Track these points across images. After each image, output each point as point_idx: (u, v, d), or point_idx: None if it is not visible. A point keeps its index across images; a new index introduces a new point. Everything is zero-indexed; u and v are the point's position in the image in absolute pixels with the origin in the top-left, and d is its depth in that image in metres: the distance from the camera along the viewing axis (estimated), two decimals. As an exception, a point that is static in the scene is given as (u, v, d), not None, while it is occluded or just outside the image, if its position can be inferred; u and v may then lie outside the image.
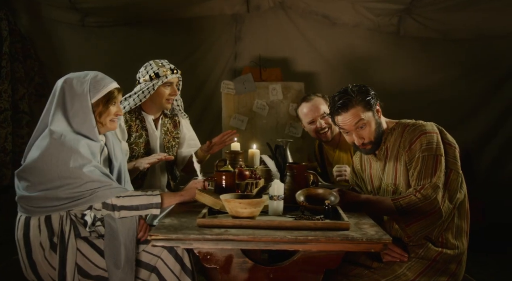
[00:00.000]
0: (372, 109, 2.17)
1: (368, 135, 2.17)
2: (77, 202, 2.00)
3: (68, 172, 1.98)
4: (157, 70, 2.76)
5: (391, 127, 2.24)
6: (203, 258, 1.75)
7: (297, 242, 1.68)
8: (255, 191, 2.28)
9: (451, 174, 2.08)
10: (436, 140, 2.08)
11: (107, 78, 2.22)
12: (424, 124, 2.15)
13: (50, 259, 2.04)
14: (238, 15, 4.66)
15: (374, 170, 2.33)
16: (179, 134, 3.06)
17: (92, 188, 2.00)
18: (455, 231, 2.11)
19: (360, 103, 2.13)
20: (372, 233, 1.72)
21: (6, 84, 4.10)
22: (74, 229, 2.07)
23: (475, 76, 4.44)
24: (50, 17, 4.36)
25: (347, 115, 2.14)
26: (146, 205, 2.08)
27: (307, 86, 4.39)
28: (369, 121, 2.16)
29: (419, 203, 1.99)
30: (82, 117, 2.11)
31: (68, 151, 2.00)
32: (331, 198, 1.99)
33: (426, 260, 2.07)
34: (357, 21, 4.50)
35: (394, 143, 2.19)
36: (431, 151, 2.06)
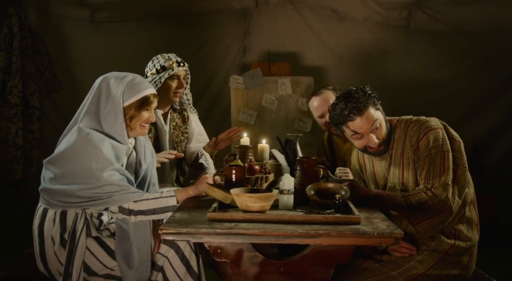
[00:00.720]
0: (379, 108, 2.15)
1: (382, 135, 2.14)
2: (93, 202, 1.99)
3: (89, 171, 1.97)
4: (164, 63, 2.76)
5: (392, 125, 2.21)
6: (213, 252, 1.75)
7: (308, 236, 1.67)
8: (265, 185, 2.28)
9: (458, 169, 2.07)
10: (441, 135, 2.07)
11: (145, 83, 2.19)
12: (428, 120, 2.12)
13: (59, 254, 2.05)
14: (247, 10, 4.65)
15: (378, 169, 2.31)
16: (188, 129, 3.07)
17: (109, 191, 1.99)
18: (467, 224, 2.10)
19: (370, 104, 2.10)
20: (383, 227, 1.71)
21: (16, 79, 4.13)
22: (87, 229, 2.07)
23: (485, 69, 4.41)
24: (59, 12, 4.39)
25: (363, 119, 2.08)
26: (162, 209, 2.07)
27: (316, 80, 4.38)
28: (381, 121, 2.13)
29: (430, 201, 1.99)
30: (112, 119, 2.09)
31: (92, 151, 1.99)
32: (342, 192, 1.98)
33: (437, 253, 2.06)
34: (366, 15, 4.48)
35: (397, 141, 2.17)
36: (438, 148, 2.04)
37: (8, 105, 4.13)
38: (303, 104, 4.26)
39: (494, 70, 4.42)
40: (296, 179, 2.16)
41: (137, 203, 2.05)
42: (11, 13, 4.11)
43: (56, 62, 4.47)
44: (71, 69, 4.51)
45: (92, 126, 2.06)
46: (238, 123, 4.25)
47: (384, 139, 2.14)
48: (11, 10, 4.12)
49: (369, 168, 2.37)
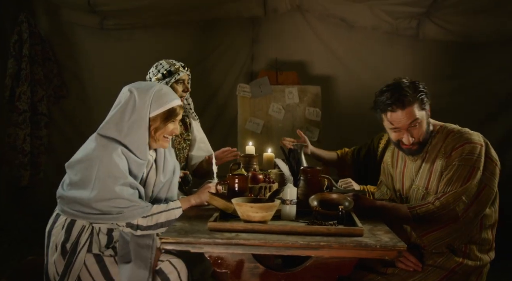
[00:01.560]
0: (425, 108, 2.07)
1: (418, 135, 2.07)
2: (103, 216, 1.98)
3: (101, 182, 1.96)
4: (169, 67, 2.78)
5: (435, 130, 2.15)
6: (214, 262, 1.73)
7: (309, 248, 1.65)
8: (268, 195, 2.26)
9: (485, 189, 1.99)
10: (478, 152, 1.99)
11: (172, 94, 2.16)
12: (471, 133, 2.06)
13: (57, 264, 2.04)
14: (255, 18, 4.66)
15: (407, 170, 2.26)
16: (190, 136, 3.07)
17: (119, 206, 1.97)
18: (480, 246, 2.05)
19: (416, 101, 2.03)
20: (386, 240, 1.68)
21: (25, 86, 4.16)
22: (89, 244, 2.06)
23: (494, 80, 4.36)
24: (69, 20, 4.42)
25: (403, 113, 2.02)
26: (169, 222, 2.05)
27: (324, 89, 4.36)
28: (422, 121, 2.06)
29: (437, 212, 1.94)
30: (136, 130, 2.06)
31: (108, 162, 1.97)
32: (345, 204, 1.96)
33: (444, 270, 2.01)
34: (375, 24, 4.46)
35: (434, 146, 2.11)
36: (469, 162, 1.98)
37: (16, 111, 4.16)
38: (310, 113, 4.23)
39: (503, 82, 4.36)
40: (299, 189, 2.14)
41: (146, 219, 2.03)
42: (21, 20, 4.15)
43: (65, 68, 4.50)
44: (80, 76, 4.54)
45: (112, 136, 2.04)
46: (245, 132, 4.24)
47: (420, 140, 2.07)
48: (21, 17, 4.15)
49: (400, 166, 2.32)
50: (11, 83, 4.13)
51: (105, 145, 2.00)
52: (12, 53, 4.13)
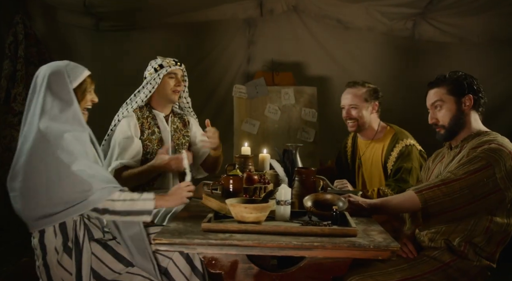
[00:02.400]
0: (457, 95, 2.15)
1: (442, 118, 2.17)
2: (69, 210, 1.93)
3: (55, 170, 1.92)
4: (161, 62, 2.86)
5: (478, 132, 2.16)
6: (208, 263, 1.73)
7: (303, 248, 1.65)
8: (263, 195, 2.26)
9: (497, 193, 1.97)
10: (503, 156, 1.98)
11: (80, 66, 2.18)
12: (505, 141, 2.06)
13: (63, 263, 2.02)
14: (251, 19, 4.66)
15: (441, 163, 2.28)
16: (189, 132, 3.10)
17: (81, 189, 1.92)
18: (481, 250, 2.04)
19: (446, 86, 2.17)
20: (380, 240, 1.68)
21: (21, 87, 4.15)
22: (88, 232, 2.05)
23: (491, 81, 4.36)
24: (65, 21, 4.40)
25: (431, 93, 2.23)
26: (138, 212, 1.96)
27: (320, 90, 4.36)
28: (447, 104, 2.15)
29: (441, 198, 1.97)
30: (69, 104, 2.04)
31: (53, 148, 1.93)
32: (339, 204, 1.96)
33: (438, 261, 2.03)
34: (371, 25, 4.46)
35: (469, 145, 2.12)
36: (488, 158, 1.97)
37: (12, 112, 4.14)
38: (306, 114, 4.23)
39: (500, 83, 4.37)
40: (294, 189, 2.15)
41: (114, 203, 1.95)
42: (17, 21, 4.13)
43: (61, 70, 4.49)
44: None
45: (51, 120, 2.00)
46: (241, 133, 4.23)
47: (444, 124, 2.17)
48: (17, 18, 4.14)
49: (437, 160, 2.34)
50: (6, 84, 4.11)
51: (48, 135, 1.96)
52: (8, 54, 4.12)
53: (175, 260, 2.03)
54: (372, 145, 2.94)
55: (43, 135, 1.97)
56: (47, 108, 2.01)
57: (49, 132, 1.96)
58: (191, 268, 2.03)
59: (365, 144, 3.00)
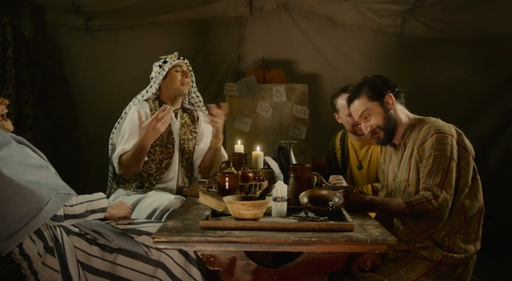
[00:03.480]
0: (378, 99, 2.20)
1: (376, 123, 2.22)
2: (29, 225, 1.93)
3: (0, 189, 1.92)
4: (165, 58, 2.97)
5: (411, 123, 2.21)
6: (206, 260, 1.74)
7: (300, 244, 1.66)
8: (258, 192, 2.27)
9: (460, 179, 2.04)
10: (450, 142, 2.04)
11: None
12: (442, 125, 2.11)
13: (48, 263, 2.02)
14: (241, 17, 4.67)
15: (392, 164, 2.32)
16: (197, 128, 3.12)
17: (35, 202, 1.92)
18: (464, 236, 2.08)
19: (365, 94, 2.21)
20: (376, 234, 1.70)
21: (10, 88, 4.11)
22: (64, 228, 2.07)
23: (480, 76, 4.41)
24: (54, 21, 4.37)
25: (353, 107, 2.28)
26: (95, 210, 2.11)
27: (311, 87, 4.37)
28: (374, 110, 2.21)
29: (434, 213, 1.97)
30: None
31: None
32: (335, 199, 1.98)
33: (431, 261, 2.05)
34: (360, 22, 4.49)
35: (411, 139, 2.16)
36: (443, 152, 2.02)
37: (1, 114, 4.11)
38: (298, 112, 4.25)
39: (488, 78, 4.41)
40: (289, 186, 2.16)
41: (73, 207, 2.03)
42: (5, 22, 4.09)
43: (50, 70, 4.46)
44: (65, 78, 4.50)
45: None
46: (233, 131, 4.24)
47: (379, 126, 2.22)
48: (5, 19, 4.10)
49: (387, 161, 2.39)
50: (-5, 86, 4.09)
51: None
52: (-4, 56, 4.09)
53: (167, 251, 2.06)
54: (369, 145, 3.00)
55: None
56: None
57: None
58: (185, 257, 2.06)
59: (359, 146, 3.03)
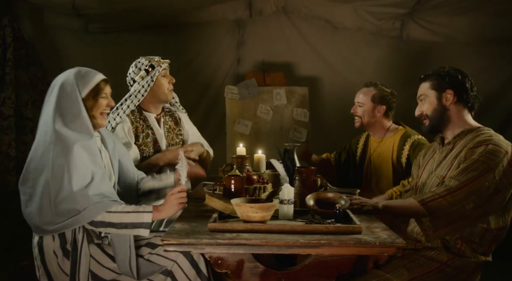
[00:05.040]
0: (438, 90, 2.22)
1: (426, 110, 2.25)
2: (68, 221, 1.96)
3: (59, 183, 1.95)
4: (149, 62, 2.80)
5: (470, 128, 2.18)
6: (214, 263, 1.74)
7: (309, 246, 1.67)
8: (263, 195, 2.28)
9: (498, 194, 1.98)
10: (501, 157, 1.99)
11: (91, 71, 2.19)
12: (501, 140, 2.08)
13: (63, 266, 2.02)
14: (241, 20, 4.68)
15: (432, 159, 2.30)
16: (182, 130, 3.08)
17: (78, 203, 1.95)
18: (477, 246, 2.07)
19: (430, 81, 2.25)
20: (385, 237, 1.71)
21: (10, 90, 4.10)
22: (87, 236, 2.05)
23: (479, 80, 4.36)
24: (53, 23, 4.36)
25: (419, 87, 2.33)
26: (135, 224, 1.99)
27: (311, 90, 4.39)
28: (429, 98, 2.24)
29: (448, 208, 1.95)
30: (77, 112, 2.07)
31: (61, 159, 1.96)
32: (341, 202, 1.99)
33: (436, 262, 2.05)
34: (360, 25, 4.51)
35: (463, 142, 2.14)
36: (488, 160, 1.98)
37: (1, 116, 4.08)
38: (298, 114, 4.26)
39: (485, 82, 4.44)
40: (295, 189, 2.16)
41: (109, 215, 1.99)
42: (5, 24, 4.08)
43: (50, 73, 4.44)
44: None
45: (64, 126, 2.03)
46: (234, 134, 4.25)
47: (427, 114, 2.25)
48: (4, 21, 4.09)
49: (428, 156, 2.37)
50: (-5, 88, 4.07)
51: (59, 141, 1.99)
52: (-4, 58, 4.07)
53: (179, 262, 2.04)
54: (383, 142, 3.04)
55: (57, 140, 1.99)
56: (58, 116, 2.04)
57: (63, 139, 2.00)
58: (196, 272, 2.04)
59: (376, 142, 3.08)
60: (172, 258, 2.05)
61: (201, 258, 2.04)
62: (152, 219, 2.00)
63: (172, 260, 2.05)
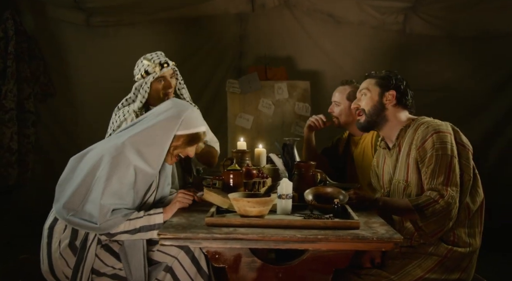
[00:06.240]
0: (381, 88, 2.24)
1: (365, 105, 2.27)
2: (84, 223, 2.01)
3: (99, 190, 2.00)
4: (147, 67, 2.72)
5: (407, 124, 2.22)
6: (211, 257, 1.74)
7: (306, 241, 1.66)
8: (263, 190, 2.27)
9: (463, 176, 2.05)
10: (449, 140, 2.05)
11: (200, 120, 2.23)
12: (439, 124, 2.11)
13: (66, 256, 2.03)
14: (243, 14, 4.65)
15: (386, 165, 2.32)
16: None
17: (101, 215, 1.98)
18: (468, 229, 2.09)
19: (376, 78, 2.28)
20: (382, 232, 1.70)
21: (11, 83, 4.11)
22: (98, 238, 2.07)
23: (481, 74, 4.42)
24: (55, 17, 4.36)
25: (364, 82, 2.36)
26: (148, 227, 2.02)
27: (313, 84, 4.37)
28: (371, 93, 2.26)
29: (443, 211, 1.97)
30: (159, 143, 2.10)
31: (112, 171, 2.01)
32: (340, 197, 1.98)
33: (436, 256, 2.05)
34: (362, 19, 4.48)
35: (407, 140, 2.17)
36: (444, 151, 2.02)
37: (3, 109, 4.10)
38: (299, 109, 4.25)
39: (489, 76, 4.42)
40: (294, 183, 2.15)
41: (124, 223, 2.02)
42: (6, 17, 4.09)
43: (52, 66, 4.45)
44: (67, 74, 4.49)
45: (133, 145, 2.07)
46: (235, 128, 4.24)
47: (364, 109, 2.29)
48: (6, 14, 4.10)
49: (381, 164, 2.39)
50: (-4, 81, 4.08)
51: (122, 153, 2.03)
52: (-3, 51, 4.08)
53: (180, 259, 2.04)
54: (362, 139, 3.00)
55: (120, 150, 2.04)
56: (142, 135, 2.09)
57: (125, 153, 2.03)
58: (196, 269, 2.04)
59: (356, 139, 3.05)
60: (173, 255, 2.05)
61: (202, 255, 2.04)
62: (163, 220, 2.02)
63: (173, 256, 2.05)
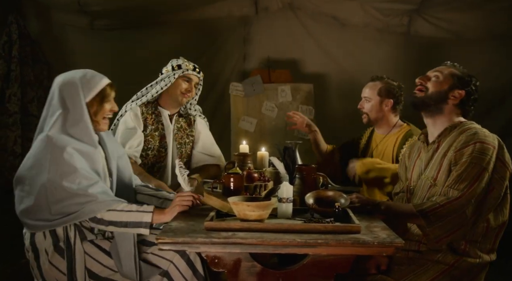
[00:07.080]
0: (454, 82, 2.25)
1: (432, 85, 2.30)
2: (66, 218, 1.95)
3: (53, 184, 1.93)
4: (181, 63, 2.89)
5: (454, 125, 2.15)
6: (211, 262, 1.72)
7: (306, 246, 1.64)
8: (263, 193, 2.25)
9: (492, 192, 1.98)
10: (490, 153, 1.98)
11: (98, 75, 2.16)
12: (487, 135, 2.05)
13: (55, 263, 2.02)
14: (247, 17, 4.64)
15: (419, 159, 2.26)
16: (193, 132, 3.09)
17: (79, 202, 1.93)
18: (482, 244, 2.04)
19: (457, 71, 2.35)
20: (383, 236, 1.68)
21: (15, 87, 4.12)
22: (80, 234, 2.04)
23: (487, 77, 4.35)
24: (59, 20, 4.38)
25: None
26: (135, 223, 1.97)
27: (316, 87, 4.35)
28: (443, 81, 2.28)
29: (447, 216, 1.93)
30: (78, 117, 2.05)
31: (56, 159, 1.95)
32: (341, 201, 1.96)
33: (443, 264, 2.01)
34: (367, 21, 4.46)
35: (448, 141, 2.11)
36: (480, 161, 1.96)
37: (6, 113, 4.11)
38: (303, 111, 4.23)
39: (494, 78, 4.37)
40: (295, 187, 2.14)
41: (111, 213, 1.97)
42: (10, 21, 4.11)
43: (56, 70, 4.45)
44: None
45: (59, 131, 2.02)
46: (238, 131, 4.22)
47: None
48: (10, 18, 4.11)
49: (414, 156, 2.33)
50: (0, 84, 4.09)
51: (53, 144, 1.97)
52: (1, 54, 4.08)
53: (176, 263, 2.02)
54: (386, 139, 2.98)
55: (49, 143, 1.97)
56: (58, 120, 2.03)
57: (55, 142, 1.97)
58: (192, 272, 2.02)
59: (380, 138, 3.03)
60: (168, 258, 2.03)
61: (198, 258, 2.02)
62: (153, 221, 1.99)
63: (169, 260, 2.03)
